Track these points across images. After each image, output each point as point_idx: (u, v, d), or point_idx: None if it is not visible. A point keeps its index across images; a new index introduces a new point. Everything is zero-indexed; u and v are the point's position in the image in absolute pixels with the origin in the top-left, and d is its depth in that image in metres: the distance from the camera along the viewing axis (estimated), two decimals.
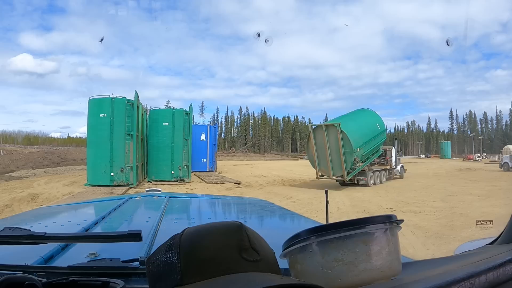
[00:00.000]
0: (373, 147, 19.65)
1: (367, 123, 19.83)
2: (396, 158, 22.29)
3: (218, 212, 2.65)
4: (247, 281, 0.53)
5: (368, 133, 19.23)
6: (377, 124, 20.62)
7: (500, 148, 44.85)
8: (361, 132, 18.71)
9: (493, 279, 0.69)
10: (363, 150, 18.45)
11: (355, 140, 17.69)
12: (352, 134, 17.86)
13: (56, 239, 1.00)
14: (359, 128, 18.85)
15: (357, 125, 19.06)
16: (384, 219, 0.71)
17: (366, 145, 18.75)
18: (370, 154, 19.79)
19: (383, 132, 21.29)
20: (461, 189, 16.22)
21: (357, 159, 17.75)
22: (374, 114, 21.60)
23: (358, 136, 18.26)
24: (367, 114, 21.33)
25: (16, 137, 77.63)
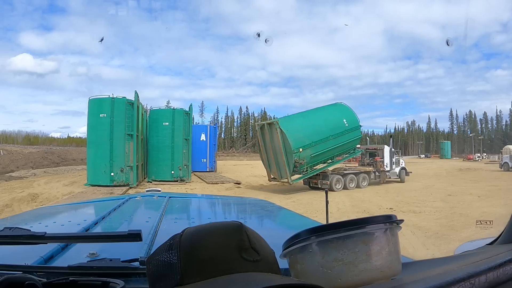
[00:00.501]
0: (334, 146, 17.48)
1: (324, 120, 17.73)
2: (391, 158, 19.91)
3: (218, 212, 2.65)
4: (247, 281, 0.53)
5: (323, 131, 17.17)
6: (344, 120, 18.25)
7: (500, 148, 44.85)
8: (308, 130, 16.81)
9: (493, 279, 0.69)
10: (313, 151, 16.61)
11: (296, 139, 16.18)
12: (293, 133, 16.35)
13: (56, 239, 1.00)
14: (306, 126, 17.00)
15: (303, 122, 17.35)
16: (384, 219, 0.71)
17: (318, 145, 16.78)
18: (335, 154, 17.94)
19: (354, 130, 18.60)
20: (461, 189, 16.22)
21: (298, 160, 16.10)
22: (344, 110, 19.26)
23: (303, 135, 16.58)
24: (331, 109, 19.09)
25: (16, 137, 77.73)
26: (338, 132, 17.65)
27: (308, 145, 16.49)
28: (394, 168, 20.09)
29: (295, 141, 16.17)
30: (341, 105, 19.77)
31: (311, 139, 16.61)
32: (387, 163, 19.68)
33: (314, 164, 17.22)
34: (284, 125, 16.53)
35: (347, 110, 19.33)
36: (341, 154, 18.53)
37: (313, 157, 16.75)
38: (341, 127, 17.92)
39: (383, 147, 20.44)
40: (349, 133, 18.22)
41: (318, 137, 16.83)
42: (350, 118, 18.71)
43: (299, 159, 16.18)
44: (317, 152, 16.80)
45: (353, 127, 18.52)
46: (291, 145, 16.03)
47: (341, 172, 17.71)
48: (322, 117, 18.03)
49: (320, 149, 16.93)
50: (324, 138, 17.04)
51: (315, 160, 17.08)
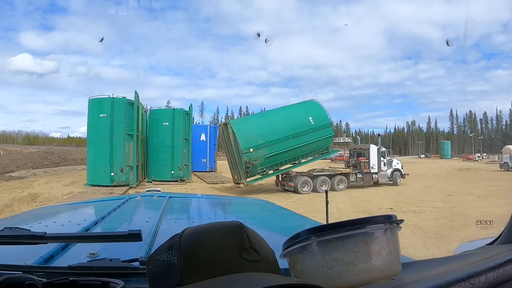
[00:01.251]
0: (296, 146, 16.36)
1: (283, 119, 16.74)
2: (379, 159, 18.18)
3: (218, 212, 2.65)
4: (247, 281, 0.53)
5: (281, 130, 16.15)
6: (309, 118, 16.96)
7: (500, 148, 44.88)
8: (262, 130, 15.95)
9: (493, 279, 0.69)
10: (268, 151, 15.74)
11: (246, 139, 15.53)
12: (244, 133, 15.75)
13: (56, 239, 1.00)
14: (261, 126, 16.20)
15: (258, 122, 16.73)
16: (384, 219, 0.71)
17: (274, 145, 15.84)
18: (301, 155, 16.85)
19: (322, 128, 17.20)
20: (461, 189, 16.22)
21: (249, 161, 15.39)
22: (312, 107, 17.91)
23: (256, 134, 15.78)
24: (296, 108, 17.97)
25: (16, 137, 77.76)
26: (300, 131, 16.48)
27: (261, 145, 15.70)
28: (385, 169, 18.41)
29: (245, 141, 15.59)
30: (310, 102, 18.53)
31: (266, 139, 15.78)
32: (374, 164, 18.10)
33: (275, 164, 16.39)
34: (236, 125, 16.18)
35: (315, 107, 17.98)
36: (311, 154, 17.38)
37: (268, 157, 15.88)
38: (304, 125, 16.72)
39: (369, 147, 18.74)
40: (316, 131, 16.92)
41: (274, 137, 15.94)
42: (318, 116, 17.34)
43: (250, 159, 15.49)
44: (273, 152, 15.90)
45: (321, 125, 17.15)
46: (241, 146, 15.50)
47: (311, 174, 16.59)
48: (282, 116, 17.05)
49: (276, 149, 15.99)
50: (282, 137, 16.06)
51: (273, 161, 16.20)
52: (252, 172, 15.89)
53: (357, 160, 18.44)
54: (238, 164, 16.03)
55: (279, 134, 16.07)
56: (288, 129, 16.32)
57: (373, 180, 18.09)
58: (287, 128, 16.32)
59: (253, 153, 15.48)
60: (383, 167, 18.34)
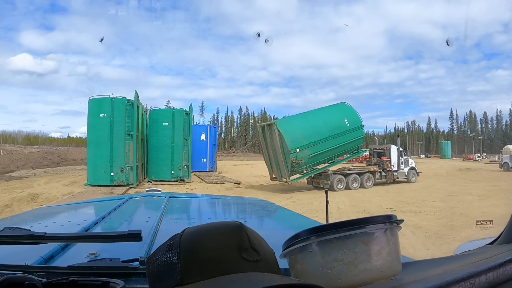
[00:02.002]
0: (334, 146, 17.52)
1: (323, 120, 17.72)
2: (398, 158, 19.60)
3: (218, 212, 2.65)
4: (247, 281, 0.53)
5: (323, 131, 17.24)
6: (345, 120, 18.18)
7: (500, 148, 44.89)
8: (306, 131, 16.90)
9: (493, 279, 0.69)
10: (312, 151, 16.73)
11: (293, 140, 16.39)
12: (291, 133, 16.53)
13: (56, 239, 1.00)
14: (304, 127, 17.11)
15: (302, 123, 17.47)
16: (384, 219, 0.71)
17: (316, 145, 16.86)
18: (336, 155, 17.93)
19: (356, 129, 18.54)
20: (461, 189, 16.22)
21: (295, 160, 16.25)
22: (346, 110, 19.14)
23: (301, 135, 16.72)
24: (332, 110, 19.03)
25: (16, 137, 77.76)
26: (338, 132, 17.60)
27: (306, 145, 16.58)
28: (403, 168, 19.80)
29: (292, 141, 16.34)
30: (343, 105, 19.62)
31: (310, 139, 16.70)
32: (394, 163, 19.44)
33: (314, 164, 17.25)
34: (282, 126, 16.76)
35: (349, 110, 19.18)
36: (344, 154, 18.54)
37: (311, 157, 16.82)
38: (341, 127, 17.86)
39: (390, 147, 20.16)
40: (351, 133, 18.13)
41: (316, 138, 16.89)
42: (352, 118, 18.55)
43: (297, 159, 16.29)
44: (315, 152, 16.88)
45: (355, 127, 18.39)
46: (288, 146, 16.20)
47: (344, 172, 17.58)
48: (322, 118, 17.99)
49: (319, 149, 16.97)
50: (323, 138, 17.08)
51: (315, 160, 17.11)
52: (296, 171, 16.76)
53: (379, 159, 19.60)
54: (282, 163, 16.68)
55: (321, 135, 17.14)
56: (328, 130, 17.41)
57: (394, 177, 19.27)
58: (327, 130, 17.42)
59: (299, 153, 16.36)
60: (401, 165, 19.69)
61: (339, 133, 17.66)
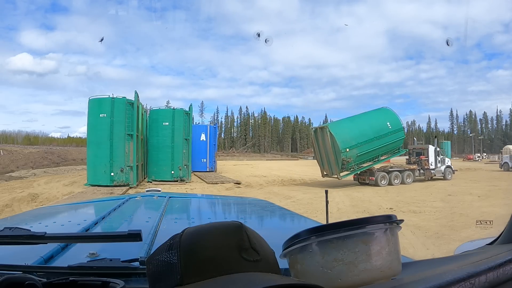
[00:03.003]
0: (378, 146, 19.52)
1: (369, 123, 19.72)
2: (435, 157, 21.35)
3: (218, 212, 2.65)
4: (247, 281, 0.53)
5: (368, 133, 19.22)
6: (387, 123, 20.25)
7: (500, 148, 44.90)
8: (354, 132, 18.96)
9: (493, 279, 0.69)
10: (359, 150, 18.64)
11: (343, 141, 18.36)
12: (341, 135, 18.56)
13: (56, 239, 1.00)
14: (352, 129, 19.13)
15: (350, 126, 19.50)
16: (384, 219, 0.71)
17: (363, 145, 18.83)
18: (380, 154, 19.91)
19: (397, 131, 20.63)
20: (461, 189, 16.22)
21: (346, 159, 18.18)
22: (388, 113, 21.25)
23: (350, 136, 18.73)
24: (376, 114, 21.12)
25: (16, 137, 77.78)
26: (382, 134, 19.64)
27: (354, 145, 18.60)
28: (439, 166, 21.29)
29: (342, 142, 18.40)
30: (385, 110, 21.80)
31: (357, 140, 18.78)
32: (432, 162, 21.02)
33: (361, 162, 19.14)
34: (333, 129, 19.00)
35: (391, 114, 21.27)
36: (386, 153, 20.56)
37: (359, 156, 18.76)
38: (384, 129, 19.89)
39: (428, 147, 22.02)
40: (392, 134, 20.17)
41: (363, 139, 18.93)
42: (394, 121, 20.63)
43: (347, 157, 18.31)
44: (362, 151, 18.81)
45: (396, 129, 20.45)
46: (339, 146, 18.25)
47: (387, 170, 19.33)
48: (367, 121, 20.03)
49: (365, 149, 18.91)
50: (369, 139, 19.11)
51: (361, 159, 19.03)
52: (346, 168, 18.68)
53: (418, 158, 21.25)
54: (333, 161, 18.75)
55: (367, 137, 19.15)
56: (373, 132, 19.44)
57: (431, 175, 20.80)
58: (372, 132, 19.45)
59: (348, 152, 18.37)
60: (438, 164, 21.39)
61: (382, 134, 19.66)
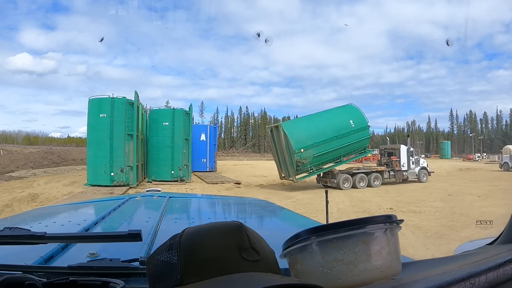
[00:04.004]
0: (339, 146, 18.01)
1: (328, 122, 18.25)
2: (408, 158, 19.79)
3: (218, 212, 2.65)
4: (247, 281, 0.53)
5: (327, 132, 17.79)
6: (350, 121, 18.64)
7: (500, 148, 44.91)
8: (310, 131, 17.57)
9: (493, 279, 0.69)
10: (316, 151, 17.35)
11: (297, 140, 17.11)
12: (295, 134, 17.28)
13: (56, 239, 1.00)
14: (309, 128, 17.77)
15: (307, 125, 18.22)
16: (384, 219, 0.71)
17: (321, 145, 17.45)
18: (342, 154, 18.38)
19: (361, 130, 18.95)
20: (461, 189, 16.21)
21: (300, 160, 16.93)
22: (352, 111, 19.56)
23: (306, 136, 17.39)
24: (338, 111, 19.52)
25: (16, 137, 77.76)
26: (343, 133, 18.13)
27: (310, 145, 17.19)
28: (413, 167, 19.93)
29: (297, 142, 17.03)
30: (350, 106, 20.08)
31: (314, 140, 17.33)
32: (404, 163, 19.68)
33: (320, 163, 17.85)
34: (287, 128, 17.64)
35: (355, 111, 19.61)
36: (351, 153, 19.09)
37: (316, 157, 17.41)
38: (346, 128, 18.36)
39: (400, 147, 20.47)
40: (356, 133, 18.61)
41: (321, 138, 17.50)
42: (358, 119, 19.02)
43: (301, 158, 16.94)
44: (320, 152, 17.45)
45: (360, 127, 18.84)
46: (293, 146, 16.90)
47: (350, 171, 18.01)
48: (327, 119, 18.61)
49: (323, 149, 17.52)
50: (328, 139, 17.67)
51: (320, 160, 17.69)
52: (301, 170, 17.40)
53: (388, 159, 19.90)
54: (288, 163, 17.49)
55: (325, 136, 17.72)
56: (332, 131, 17.94)
57: (403, 177, 19.45)
58: (332, 130, 17.95)
59: (303, 153, 17.07)
60: (411, 165, 19.85)
61: (344, 133, 18.16)
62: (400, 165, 19.55)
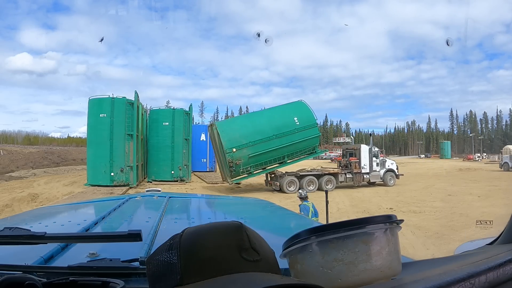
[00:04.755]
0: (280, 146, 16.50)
1: (268, 120, 16.87)
2: (370, 159, 17.94)
3: (218, 212, 2.65)
4: (247, 281, 0.53)
5: (266, 131, 16.33)
6: (294, 118, 17.03)
7: (500, 148, 44.91)
8: (246, 130, 16.23)
9: (493, 279, 0.69)
10: (251, 151, 15.97)
11: (229, 140, 15.93)
12: (228, 133, 16.14)
13: (56, 239, 1.00)
14: (245, 127, 16.49)
15: (243, 123, 17.05)
16: (384, 219, 0.71)
17: (257, 145, 16.04)
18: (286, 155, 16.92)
19: (308, 128, 17.26)
20: (461, 189, 16.22)
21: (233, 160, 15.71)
22: (298, 108, 17.90)
23: (240, 135, 16.09)
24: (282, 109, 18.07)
25: (16, 137, 77.77)
26: (284, 132, 16.64)
27: (244, 145, 15.95)
28: (378, 170, 18.21)
29: (228, 141, 15.94)
30: (297, 103, 18.50)
31: (249, 139, 16.03)
32: (365, 164, 18.00)
33: (258, 164, 16.53)
34: (221, 127, 16.60)
35: (302, 107, 17.99)
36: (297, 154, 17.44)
37: (252, 157, 16.07)
38: (289, 126, 16.83)
39: (360, 147, 18.68)
40: (301, 131, 17.04)
41: (257, 137, 16.14)
42: (304, 116, 17.42)
43: (234, 159, 15.79)
44: (256, 152, 16.12)
45: (306, 125, 17.25)
46: (224, 146, 15.89)
47: (297, 174, 16.72)
48: (267, 117, 17.32)
49: (260, 149, 16.17)
50: (266, 137, 16.25)
51: (258, 161, 16.34)
52: (236, 171, 16.11)
53: (348, 160, 18.33)
54: (223, 163, 16.45)
55: (263, 135, 16.23)
56: (272, 129, 16.42)
57: (365, 180, 17.86)
58: (271, 129, 16.44)
59: (236, 153, 15.75)
60: (375, 167, 18.15)
61: (285, 132, 16.66)
62: (360, 167, 17.92)
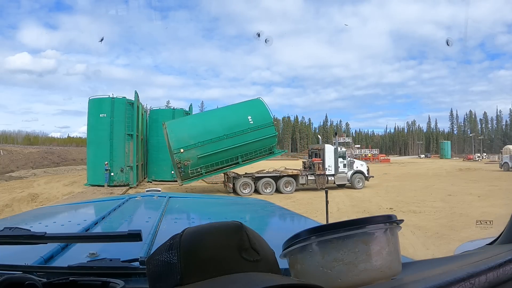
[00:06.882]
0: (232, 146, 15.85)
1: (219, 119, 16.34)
2: (336, 160, 16.94)
3: (218, 212, 2.64)
4: (247, 281, 0.53)
5: (216, 130, 15.74)
6: (248, 117, 16.28)
7: (500, 148, 44.96)
8: (196, 130, 15.68)
9: (493, 279, 0.69)
10: (201, 151, 15.41)
11: (177, 140, 15.40)
12: (177, 133, 15.62)
13: (56, 239, 1.00)
14: (195, 126, 15.95)
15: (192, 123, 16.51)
16: (384, 219, 0.71)
17: (207, 145, 15.46)
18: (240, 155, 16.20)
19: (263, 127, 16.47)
20: (461, 189, 16.22)
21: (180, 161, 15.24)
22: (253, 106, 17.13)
23: (189, 135, 15.53)
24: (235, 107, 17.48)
25: (16, 137, 77.80)
26: (236, 131, 15.95)
27: (193, 145, 15.43)
28: (345, 171, 17.24)
29: (176, 141, 15.45)
30: (254, 101, 17.68)
31: (198, 139, 15.49)
32: (330, 165, 16.98)
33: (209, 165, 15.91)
34: (170, 126, 16.02)
35: (258, 106, 17.23)
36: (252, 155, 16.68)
37: (201, 158, 15.51)
38: (242, 125, 16.13)
39: (324, 147, 17.56)
40: (256, 131, 16.29)
41: (207, 137, 15.55)
42: (259, 115, 16.62)
43: (182, 160, 15.33)
44: (206, 153, 15.57)
45: (261, 124, 16.45)
46: (172, 146, 15.46)
47: (253, 176, 16.24)
48: (218, 116, 16.76)
49: (210, 150, 15.60)
50: (216, 138, 15.66)
51: (208, 161, 15.76)
52: (185, 172, 15.65)
53: (311, 161, 17.48)
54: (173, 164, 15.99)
55: (213, 135, 15.67)
56: (223, 129, 15.86)
57: (329, 182, 16.95)
58: (223, 128, 15.87)
59: (184, 154, 15.27)
60: (342, 168, 17.23)
61: (237, 131, 15.95)
62: (324, 168, 16.90)
